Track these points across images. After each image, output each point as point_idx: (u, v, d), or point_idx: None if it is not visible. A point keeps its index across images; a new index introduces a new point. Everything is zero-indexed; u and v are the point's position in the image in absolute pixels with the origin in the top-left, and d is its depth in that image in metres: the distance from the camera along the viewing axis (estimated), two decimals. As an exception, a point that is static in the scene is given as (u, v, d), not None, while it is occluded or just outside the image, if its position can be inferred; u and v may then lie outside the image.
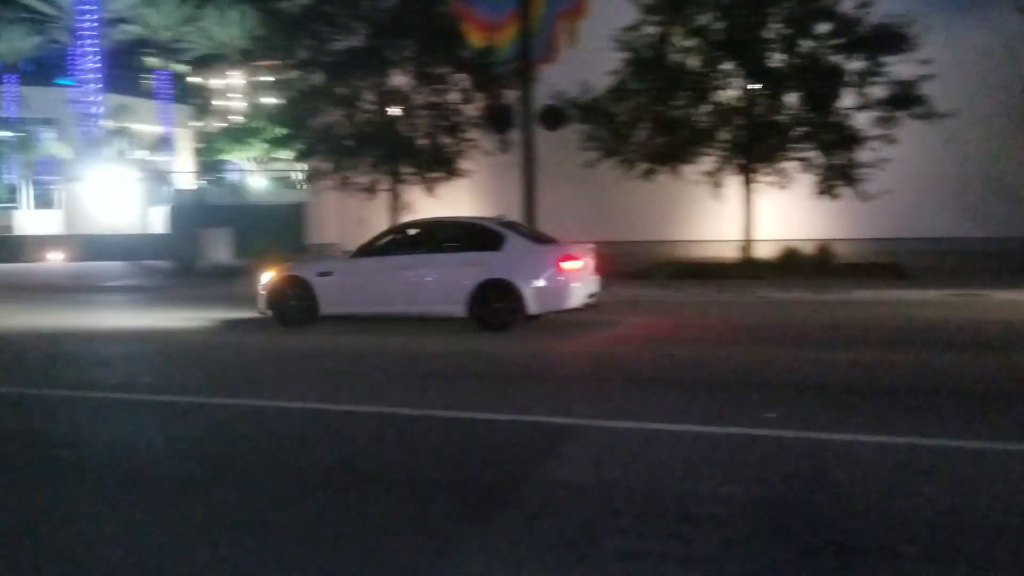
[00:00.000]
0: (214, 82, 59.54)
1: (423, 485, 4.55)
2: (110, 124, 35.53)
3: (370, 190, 19.92)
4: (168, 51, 47.42)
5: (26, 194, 34.22)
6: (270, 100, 54.89)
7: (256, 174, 36.96)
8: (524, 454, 5.12)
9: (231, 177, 38.81)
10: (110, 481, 4.90)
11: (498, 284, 10.38)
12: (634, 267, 17.09)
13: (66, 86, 44.86)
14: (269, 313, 11.41)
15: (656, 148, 17.40)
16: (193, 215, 28.82)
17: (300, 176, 31.50)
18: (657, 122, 17.36)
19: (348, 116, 19.93)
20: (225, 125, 44.61)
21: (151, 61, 50.41)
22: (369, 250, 11.53)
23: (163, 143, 40.39)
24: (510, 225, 11.54)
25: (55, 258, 29.10)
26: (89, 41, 36.66)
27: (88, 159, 34.19)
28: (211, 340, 11.35)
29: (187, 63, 52.97)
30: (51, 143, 35.33)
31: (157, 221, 32.11)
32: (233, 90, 60.63)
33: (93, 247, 29.44)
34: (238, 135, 36.06)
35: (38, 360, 9.97)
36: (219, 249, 23.27)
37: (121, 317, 14.12)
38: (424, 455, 5.23)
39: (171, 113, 47.83)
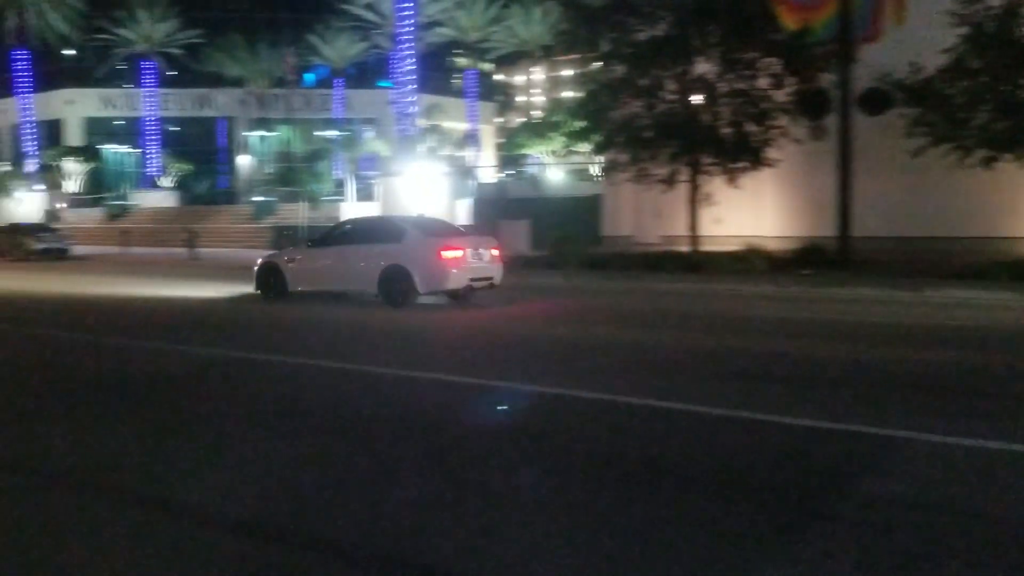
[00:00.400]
0: (517, 79, 63.71)
1: (729, 486, 4.77)
2: (423, 122, 39.45)
3: (668, 182, 20.29)
4: (475, 51, 51.50)
5: (350, 187, 39.09)
6: (570, 94, 57.43)
7: (554, 167, 38.96)
8: (841, 464, 5.20)
9: (530, 170, 41.25)
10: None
11: (397, 269, 13.42)
12: (967, 265, 15.83)
13: (385, 88, 50.56)
14: (259, 291, 15.31)
15: (998, 133, 15.96)
16: (495, 207, 31.14)
17: (597, 169, 32.75)
18: (1000, 104, 15.91)
19: (648, 107, 20.44)
20: (526, 120, 47.46)
21: (460, 61, 55.14)
22: (319, 242, 15.41)
23: (469, 139, 44.03)
24: (417, 222, 14.95)
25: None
26: (407, 45, 40.95)
27: (404, 155, 38.31)
28: (499, 328, 12.43)
29: (492, 62, 57.26)
30: (372, 141, 40.02)
31: (462, 213, 35.17)
32: (534, 86, 64.35)
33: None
34: (538, 129, 38.26)
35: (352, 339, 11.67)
36: (518, 240, 24.99)
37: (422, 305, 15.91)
38: (722, 453, 5.49)
39: (476, 110, 51.94)
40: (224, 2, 55.56)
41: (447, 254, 13.46)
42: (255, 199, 42.18)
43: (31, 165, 48.87)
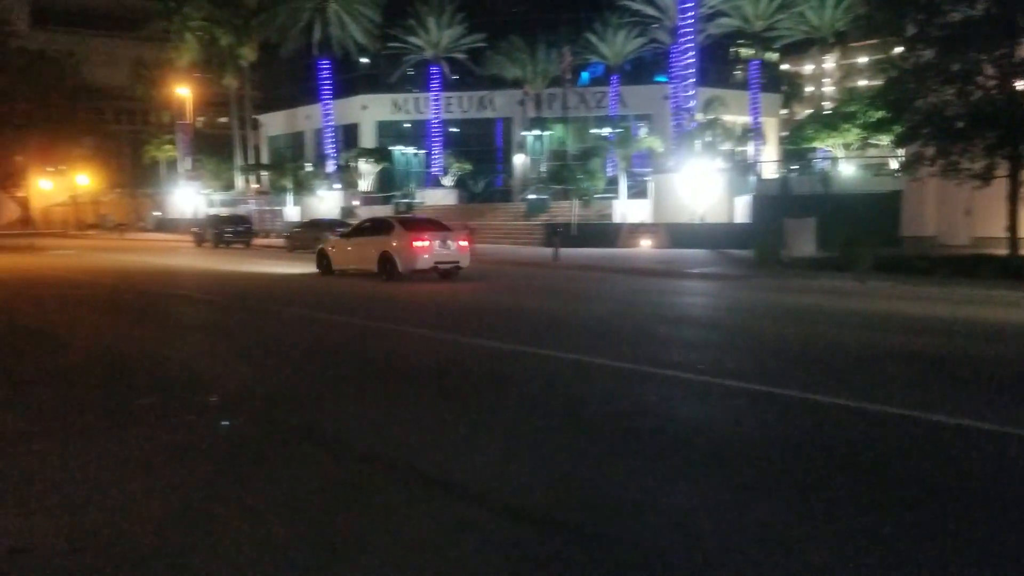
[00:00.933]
0: (805, 68, 61.37)
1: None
2: (701, 117, 39.34)
3: (983, 177, 18.86)
4: (760, 40, 50.34)
5: (622, 185, 39.92)
6: (867, 83, 54.31)
7: (846, 162, 37.17)
8: None
9: (818, 165, 39.67)
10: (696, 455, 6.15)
11: (386, 254, 19.92)
12: None
13: (661, 83, 50.95)
14: (318, 271, 22.36)
15: None
16: (777, 205, 30.43)
17: (896, 163, 30.88)
18: None
19: (961, 94, 19.16)
20: (815, 112, 45.61)
21: (743, 52, 54.20)
22: (347, 235, 22.56)
23: (751, 133, 43.21)
24: (403, 220, 22.54)
25: (645, 244, 33.59)
26: (687, 38, 41.05)
27: (679, 151, 38.49)
28: (781, 331, 12.38)
29: (777, 51, 55.63)
30: (646, 137, 40.55)
31: (741, 211, 34.70)
32: (824, 75, 61.64)
33: (679, 235, 33.18)
34: (829, 121, 36.71)
35: (624, 336, 12.17)
36: (803, 240, 24.28)
37: (693, 305, 16.09)
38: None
39: (759, 103, 50.80)
40: (506, 6, 59.00)
41: (417, 244, 19.75)
42: (528, 197, 44.36)
43: (330, 166, 55.03)
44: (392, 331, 11.86)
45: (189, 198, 58.16)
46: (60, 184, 70.33)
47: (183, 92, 57.62)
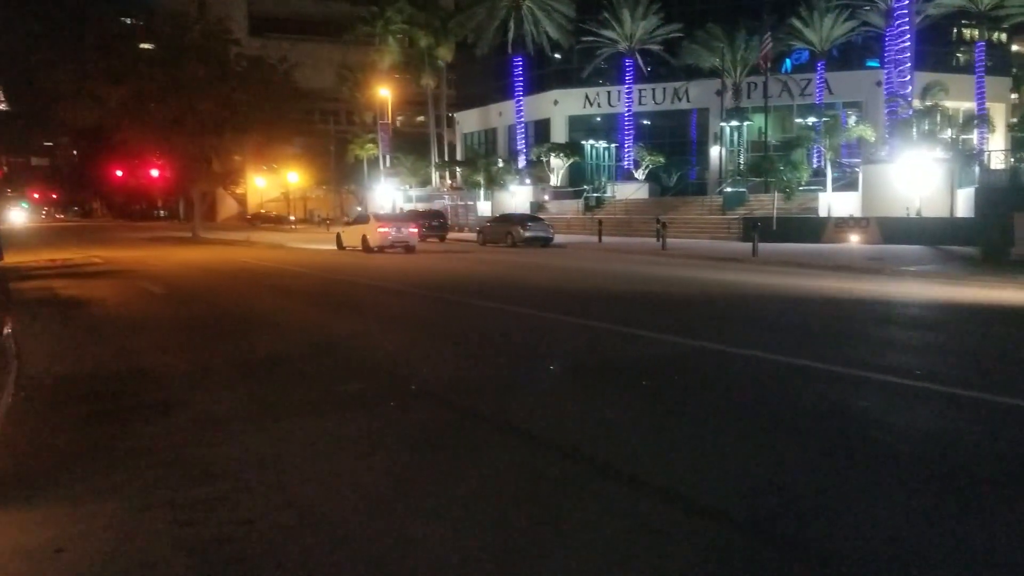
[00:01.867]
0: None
1: None
2: (918, 103, 36.81)
3: None
4: (987, 20, 46.39)
5: (828, 176, 38.05)
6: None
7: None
8: None
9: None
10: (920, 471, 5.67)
11: (364, 237, 30.89)
12: None
13: (873, 68, 48.06)
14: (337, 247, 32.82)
15: None
16: (1005, 198, 27.98)
17: None
18: None
19: None
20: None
21: (968, 33, 50.14)
22: (350, 223, 34.98)
23: (975, 120, 39.93)
24: (378, 214, 35.18)
25: (853, 240, 31.83)
26: (903, 20, 38.49)
27: (893, 140, 36.17)
28: (1009, 336, 11.30)
29: (1006, 31, 51.02)
30: (856, 126, 38.42)
31: (963, 204, 32.16)
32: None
33: (892, 230, 31.19)
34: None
35: (830, 336, 11.50)
36: (1036, 235, 22.20)
37: (908, 305, 15.00)
38: None
39: (984, 87, 46.86)
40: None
41: (380, 229, 30.48)
42: (725, 190, 43.21)
43: (521, 161, 56.05)
44: (583, 326, 11.87)
45: (388, 194, 61.10)
46: (273, 182, 75.94)
47: (384, 93, 60.58)
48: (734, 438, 6.16)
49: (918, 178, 32.72)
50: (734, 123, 49.66)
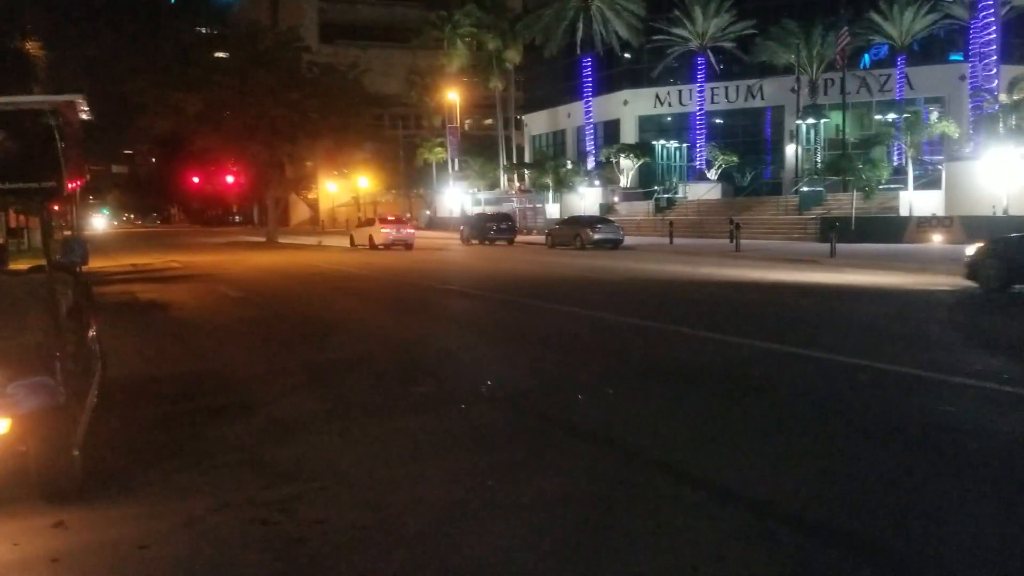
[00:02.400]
0: None
1: None
2: (1004, 98, 35.53)
3: None
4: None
5: (910, 174, 36.99)
6: None
7: None
8: None
9: None
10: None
11: (371, 235, 36.86)
12: None
13: (956, 62, 46.55)
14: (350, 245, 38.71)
15: None
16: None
17: None
18: None
19: None
20: None
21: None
22: (359, 225, 42.47)
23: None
24: (381, 217, 40.35)
25: (936, 239, 30.86)
26: (987, 12, 37.24)
27: (977, 136, 34.99)
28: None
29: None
30: (938, 122, 37.27)
31: (1054, 203, 30.93)
32: None
33: (977, 229, 30.12)
34: None
35: (911, 340, 11.15)
36: None
37: (995, 309, 14.46)
38: None
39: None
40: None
41: (383, 229, 36.02)
42: (801, 189, 42.37)
43: (590, 162, 55.86)
44: (654, 329, 11.76)
45: (457, 197, 61.53)
46: (343, 186, 77.11)
47: (452, 97, 61.01)
48: (810, 441, 6.02)
49: (1005, 175, 31.57)
50: (810, 121, 48.61)
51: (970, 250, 16.47)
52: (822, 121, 48.74)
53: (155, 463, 5.83)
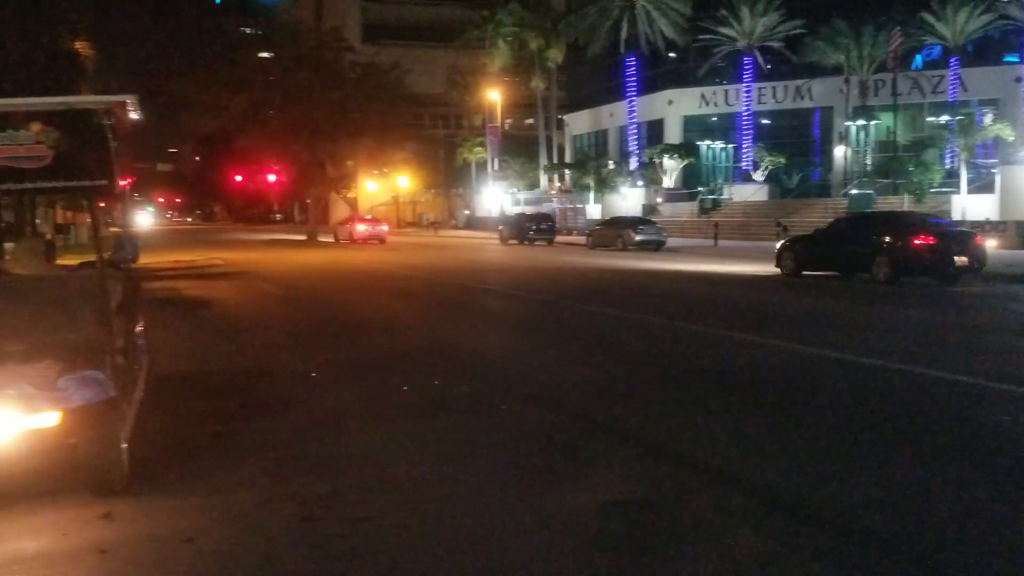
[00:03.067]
0: None
1: None
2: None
3: None
4: None
5: (963, 177, 36.33)
6: None
7: None
8: None
9: None
10: None
11: (350, 231, 45.28)
12: None
13: (1012, 63, 45.58)
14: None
15: None
16: None
17: None
18: None
19: None
20: None
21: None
22: (342, 222, 50.01)
23: None
24: (359, 216, 49.44)
25: (990, 245, 30.21)
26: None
27: (1033, 139, 34.30)
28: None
29: None
30: (993, 125, 36.56)
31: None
32: None
33: (1033, 234, 29.50)
34: None
35: (961, 347, 10.95)
36: None
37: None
38: None
39: None
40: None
41: (359, 227, 44.92)
42: (850, 192, 41.82)
43: (633, 163, 55.63)
44: (698, 332, 11.69)
45: (496, 197, 61.65)
46: (383, 186, 77.66)
47: (493, 96, 61.14)
48: (861, 449, 5.96)
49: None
50: (860, 122, 47.95)
51: (777, 246, 22.48)
52: (872, 123, 48.05)
53: (200, 457, 5.94)
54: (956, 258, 18.84)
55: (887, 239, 19.19)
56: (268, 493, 5.13)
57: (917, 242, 18.75)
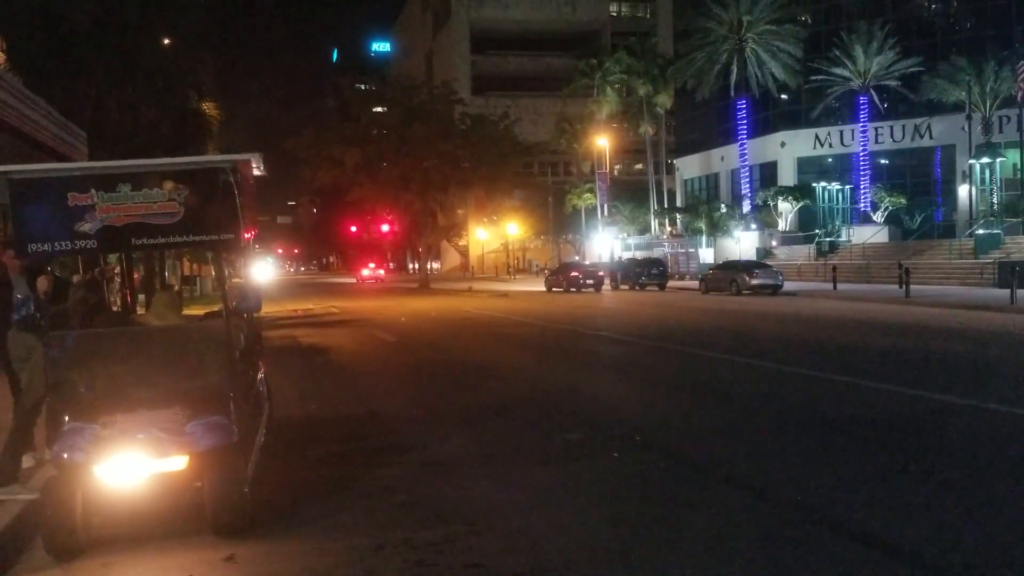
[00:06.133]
0: None
1: None
2: None
3: None
4: None
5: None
6: None
7: None
8: None
9: None
10: None
11: (361, 273, 69.15)
12: None
13: None
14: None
15: None
16: None
17: None
18: None
19: None
20: None
21: None
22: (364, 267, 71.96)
23: None
24: (369, 264, 71.59)
25: None
26: None
27: None
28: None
29: None
30: None
31: None
32: None
33: None
34: None
35: None
36: None
37: None
38: None
39: None
40: (946, 24, 54.25)
41: (363, 271, 69.05)
42: (977, 232, 39.97)
43: (746, 206, 54.73)
44: (816, 378, 11.31)
45: (606, 243, 61.59)
46: (493, 233, 78.80)
47: (602, 143, 61.51)
48: (977, 496, 5.63)
49: None
50: (985, 160, 45.89)
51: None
52: (998, 160, 45.92)
53: (319, 501, 6.10)
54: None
55: None
56: (382, 538, 5.22)
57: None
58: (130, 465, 5.21)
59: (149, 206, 5.45)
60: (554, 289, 41.78)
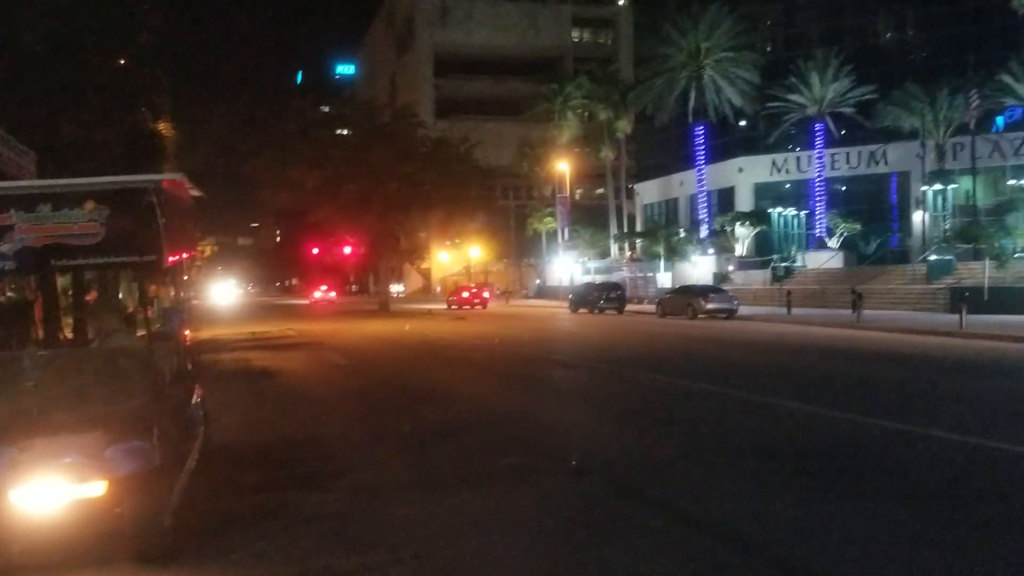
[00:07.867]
0: None
1: None
2: None
3: None
4: None
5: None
6: None
7: None
8: None
9: None
10: None
11: (313, 295, 70.04)
12: None
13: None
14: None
15: None
16: None
17: None
18: None
19: None
20: None
21: None
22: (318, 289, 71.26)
23: None
24: (321, 287, 70.45)
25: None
26: None
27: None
28: None
29: None
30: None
31: None
32: None
33: None
34: None
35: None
36: None
37: None
38: None
39: None
40: (900, 53, 55.59)
41: (315, 293, 68.70)
42: (929, 258, 40.77)
43: (704, 231, 55.33)
44: (757, 403, 11.43)
45: (567, 266, 61.85)
46: (455, 256, 78.77)
47: (563, 167, 61.87)
48: (926, 531, 5.72)
49: None
50: (938, 186, 46.95)
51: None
52: (950, 187, 47.02)
53: (246, 528, 6.03)
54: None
55: None
56: (304, 566, 5.18)
57: None
58: (48, 490, 5.12)
59: (69, 227, 5.39)
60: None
